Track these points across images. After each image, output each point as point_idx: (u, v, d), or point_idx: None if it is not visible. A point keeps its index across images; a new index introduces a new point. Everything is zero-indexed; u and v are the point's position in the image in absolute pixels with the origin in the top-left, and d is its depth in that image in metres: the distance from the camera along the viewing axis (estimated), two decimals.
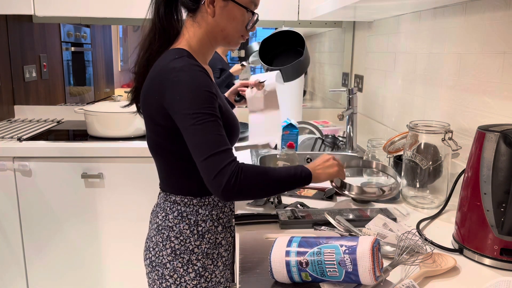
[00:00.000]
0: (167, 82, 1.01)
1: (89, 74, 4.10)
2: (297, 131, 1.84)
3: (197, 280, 1.13)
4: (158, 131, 1.08)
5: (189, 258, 1.12)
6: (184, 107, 0.99)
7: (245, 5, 1.09)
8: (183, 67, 1.01)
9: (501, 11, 1.18)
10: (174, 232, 1.12)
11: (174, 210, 1.13)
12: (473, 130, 1.27)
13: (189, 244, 1.12)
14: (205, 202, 1.14)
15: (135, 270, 2.09)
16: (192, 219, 1.12)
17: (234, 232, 1.24)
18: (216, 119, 0.99)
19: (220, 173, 0.95)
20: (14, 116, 2.59)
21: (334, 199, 1.29)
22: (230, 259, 1.22)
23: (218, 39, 1.12)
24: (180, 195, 1.13)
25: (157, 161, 1.15)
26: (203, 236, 1.13)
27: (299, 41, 1.72)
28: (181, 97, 0.99)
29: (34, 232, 2.04)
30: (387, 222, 1.06)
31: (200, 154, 0.97)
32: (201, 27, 1.10)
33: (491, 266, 0.91)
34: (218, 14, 1.08)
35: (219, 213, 1.16)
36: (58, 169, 1.99)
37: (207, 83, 1.01)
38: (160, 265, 1.14)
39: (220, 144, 0.98)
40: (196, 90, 0.99)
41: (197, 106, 0.98)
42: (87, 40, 4.00)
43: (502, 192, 0.88)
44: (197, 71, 1.02)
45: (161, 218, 1.15)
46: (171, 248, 1.12)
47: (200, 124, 0.97)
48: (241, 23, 1.10)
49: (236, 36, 1.12)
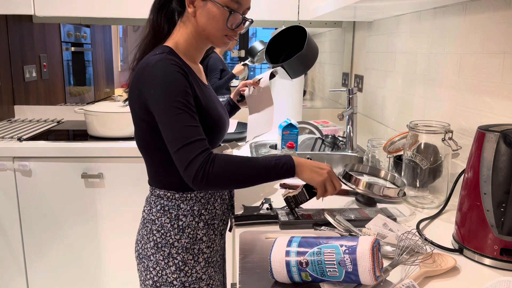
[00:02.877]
0: (144, 77, 1.04)
1: (89, 74, 4.10)
2: (297, 131, 1.84)
3: (177, 273, 1.15)
4: (142, 127, 1.10)
5: (170, 252, 1.14)
6: (157, 101, 1.01)
7: (223, 4, 1.09)
8: (158, 61, 1.04)
9: (501, 11, 1.18)
10: (156, 226, 1.15)
11: (157, 204, 1.15)
12: (473, 130, 1.27)
13: (169, 237, 1.14)
14: (187, 197, 1.15)
15: (134, 269, 2.09)
16: (173, 213, 1.14)
17: (222, 231, 1.24)
18: (187, 110, 1.01)
19: (191, 164, 0.97)
20: (14, 116, 2.59)
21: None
22: (214, 257, 1.21)
23: (202, 39, 1.14)
24: (163, 189, 1.15)
25: (144, 156, 1.18)
26: (183, 230, 1.14)
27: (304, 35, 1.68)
28: (155, 91, 1.02)
29: (34, 232, 2.04)
30: (387, 222, 1.06)
31: (172, 146, 1.00)
32: (187, 27, 1.13)
33: (491, 266, 0.91)
34: (198, 13, 1.10)
35: (201, 209, 1.17)
36: (58, 169, 1.99)
37: (178, 77, 1.03)
38: (145, 257, 1.17)
39: (191, 135, 0.99)
40: (167, 83, 1.01)
41: (169, 99, 1.00)
42: (87, 40, 4.00)
43: (502, 192, 0.88)
44: (170, 65, 1.03)
45: (146, 212, 1.18)
46: (154, 241, 1.15)
47: (171, 117, 1.00)
48: (221, 22, 1.10)
49: (218, 35, 1.12)
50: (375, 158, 1.58)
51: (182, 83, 1.03)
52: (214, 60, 3.55)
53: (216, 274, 1.22)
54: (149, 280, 1.17)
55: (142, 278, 1.20)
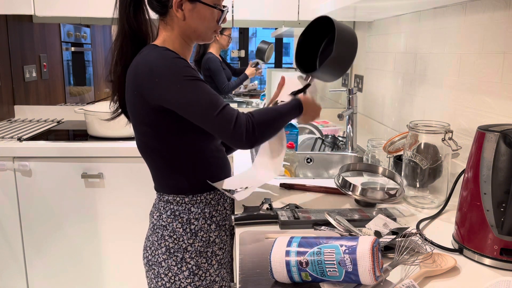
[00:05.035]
0: (140, 76, 1.03)
1: (89, 74, 4.09)
2: (297, 131, 1.84)
3: (191, 278, 1.13)
4: (145, 132, 1.09)
5: (183, 257, 1.13)
6: (167, 85, 1.00)
7: (212, 4, 1.09)
8: (149, 54, 1.04)
9: (501, 11, 1.18)
10: (167, 231, 1.13)
11: (167, 210, 1.14)
12: (473, 130, 1.27)
13: (182, 242, 1.13)
14: (197, 200, 1.14)
15: (135, 269, 2.09)
16: (185, 217, 1.13)
17: (231, 231, 1.24)
18: (202, 80, 1.03)
19: (237, 121, 1.01)
20: (14, 116, 2.59)
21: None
22: (226, 258, 1.21)
23: (192, 38, 1.14)
24: (172, 194, 1.14)
25: (148, 162, 1.16)
26: (196, 234, 1.13)
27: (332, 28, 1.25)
28: (159, 79, 1.01)
29: (34, 232, 2.04)
30: (387, 222, 1.06)
31: (208, 114, 1.00)
32: (173, 29, 1.12)
33: (491, 266, 0.91)
34: (188, 16, 1.09)
35: (212, 211, 1.16)
36: (58, 169, 1.99)
37: (177, 58, 1.03)
38: (156, 264, 1.15)
39: (221, 101, 1.03)
40: (170, 64, 1.01)
41: (180, 76, 1.00)
42: (87, 40, 4.00)
43: (502, 192, 0.88)
44: (164, 51, 1.04)
45: (156, 218, 1.16)
46: (165, 247, 1.13)
47: (193, 90, 1.00)
48: (212, 21, 1.12)
49: (209, 33, 1.14)
50: (375, 158, 1.58)
51: (183, 62, 1.03)
52: (214, 62, 3.53)
53: (228, 275, 1.22)
54: (160, 287, 1.15)
55: (153, 285, 1.17)
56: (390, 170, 1.34)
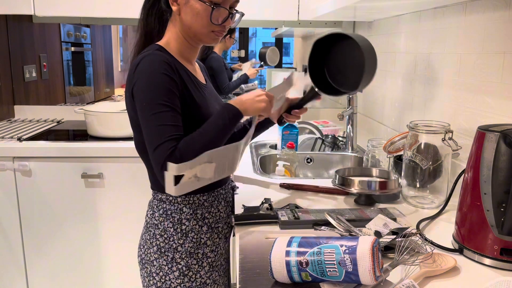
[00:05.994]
0: (132, 76, 1.04)
1: (89, 74, 4.10)
2: (297, 131, 1.84)
3: (181, 279, 1.13)
4: (139, 130, 1.09)
5: (173, 257, 1.13)
6: (139, 97, 1.02)
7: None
8: (144, 57, 1.04)
9: (501, 11, 1.18)
10: (159, 230, 1.13)
11: (160, 208, 1.14)
12: (473, 130, 1.27)
13: (173, 242, 1.13)
14: (189, 201, 1.14)
15: (134, 269, 2.09)
16: (176, 217, 1.13)
17: (226, 234, 1.23)
18: (165, 111, 1.00)
19: (163, 168, 0.96)
20: (14, 116, 2.59)
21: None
22: (219, 261, 1.20)
23: (191, 36, 1.12)
24: (165, 193, 1.13)
25: (144, 160, 1.16)
26: (187, 235, 1.13)
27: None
28: (137, 87, 1.02)
29: (34, 232, 2.04)
30: (387, 222, 1.06)
31: (148, 145, 1.02)
32: (175, 26, 1.12)
33: (491, 266, 0.91)
34: (183, 11, 1.09)
35: (204, 212, 1.15)
36: (58, 169, 1.99)
37: (163, 77, 1.01)
38: (148, 262, 1.15)
39: (161, 138, 0.99)
40: (153, 79, 1.01)
41: (149, 97, 1.00)
42: (87, 40, 4.00)
43: (502, 192, 0.88)
44: (157, 61, 1.03)
45: (149, 216, 1.17)
46: (156, 246, 1.13)
47: (148, 117, 1.00)
48: (206, 18, 1.07)
49: (205, 32, 1.09)
50: (375, 158, 1.58)
51: (167, 80, 1.02)
52: (217, 62, 3.55)
53: (220, 278, 1.21)
54: (152, 286, 1.15)
55: (145, 284, 1.17)
56: (384, 170, 1.35)
